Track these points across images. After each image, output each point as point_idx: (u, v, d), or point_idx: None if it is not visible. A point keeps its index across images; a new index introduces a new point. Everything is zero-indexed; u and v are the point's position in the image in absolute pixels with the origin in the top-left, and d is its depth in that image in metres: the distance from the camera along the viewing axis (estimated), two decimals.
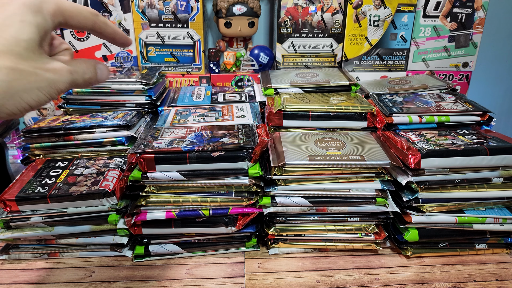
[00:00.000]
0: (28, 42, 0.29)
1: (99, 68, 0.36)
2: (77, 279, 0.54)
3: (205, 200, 0.55)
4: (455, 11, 0.89)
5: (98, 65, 0.36)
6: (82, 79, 0.34)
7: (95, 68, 0.35)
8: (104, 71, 0.36)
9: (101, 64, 0.36)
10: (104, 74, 0.36)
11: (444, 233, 0.58)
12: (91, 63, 0.35)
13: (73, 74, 0.32)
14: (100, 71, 0.36)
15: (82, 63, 0.34)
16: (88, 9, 0.34)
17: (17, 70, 0.28)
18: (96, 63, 0.36)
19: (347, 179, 0.56)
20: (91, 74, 0.35)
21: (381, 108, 0.67)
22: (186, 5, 0.85)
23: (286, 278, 0.55)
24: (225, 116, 0.68)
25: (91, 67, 0.35)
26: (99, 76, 0.36)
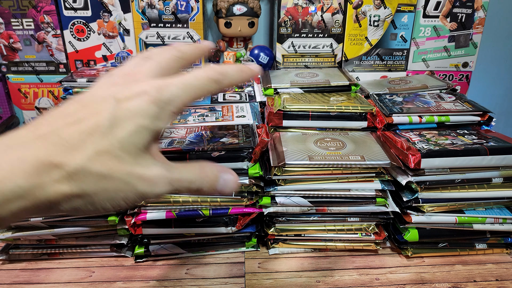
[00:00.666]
0: (135, 147, 0.25)
1: (224, 180, 0.29)
2: (77, 279, 0.54)
3: (205, 200, 0.55)
4: (455, 11, 0.89)
5: (224, 175, 0.29)
6: (187, 189, 0.28)
7: (215, 179, 0.28)
8: (230, 184, 0.29)
9: (228, 175, 0.29)
10: (229, 187, 0.29)
11: (444, 233, 0.58)
12: (208, 171, 0.28)
13: (173, 184, 0.27)
14: (223, 183, 0.29)
15: (193, 171, 0.28)
16: (205, 78, 0.27)
17: (108, 179, 0.24)
18: (222, 172, 0.29)
19: (347, 179, 0.56)
20: (204, 185, 0.28)
21: (381, 108, 0.67)
22: (186, 5, 0.85)
23: (286, 278, 0.55)
24: (225, 116, 0.68)
25: (207, 177, 0.28)
26: (221, 189, 0.29)
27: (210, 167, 0.29)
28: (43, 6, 0.83)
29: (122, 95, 0.25)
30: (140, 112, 0.25)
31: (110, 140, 0.24)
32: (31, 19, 0.84)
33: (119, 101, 0.25)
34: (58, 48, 0.86)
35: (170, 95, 0.26)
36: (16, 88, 0.87)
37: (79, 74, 0.76)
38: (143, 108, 0.25)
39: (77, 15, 0.84)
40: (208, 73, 0.28)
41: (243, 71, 0.30)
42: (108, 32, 0.86)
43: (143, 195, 0.25)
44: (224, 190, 0.29)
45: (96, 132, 0.24)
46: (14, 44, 0.85)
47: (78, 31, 0.85)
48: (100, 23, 0.85)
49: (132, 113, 0.24)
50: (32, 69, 0.87)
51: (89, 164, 0.23)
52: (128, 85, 0.26)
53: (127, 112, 0.24)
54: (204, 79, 0.27)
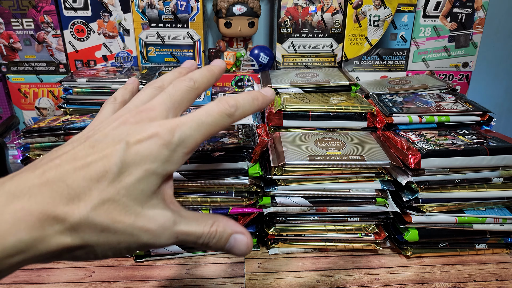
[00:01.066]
0: (142, 193, 0.24)
1: (235, 240, 0.27)
2: (77, 279, 0.54)
3: (205, 200, 0.55)
4: (455, 11, 0.89)
5: (236, 235, 0.27)
6: (193, 243, 0.26)
7: (226, 238, 0.26)
8: (240, 246, 0.27)
9: (240, 235, 0.27)
10: (239, 249, 0.27)
11: (444, 233, 0.58)
12: (220, 229, 0.26)
13: (179, 237, 0.25)
14: (233, 243, 0.27)
15: (203, 225, 0.26)
16: (217, 113, 0.27)
17: (112, 231, 0.23)
18: (234, 231, 0.27)
19: (347, 179, 0.56)
20: (212, 242, 0.26)
21: (381, 108, 0.67)
22: (186, 5, 0.85)
23: (286, 278, 0.55)
24: None
25: (217, 234, 0.26)
26: (228, 249, 0.27)
27: (223, 224, 0.27)
28: (43, 6, 0.83)
29: (133, 138, 0.24)
30: (150, 157, 0.24)
31: (116, 188, 0.23)
32: (31, 19, 0.84)
33: (129, 145, 0.24)
34: (58, 48, 0.86)
35: (183, 136, 0.25)
36: (16, 88, 0.87)
37: (79, 74, 0.76)
38: (153, 152, 0.24)
39: (77, 15, 0.84)
40: (220, 108, 0.27)
41: (257, 99, 0.29)
42: (108, 32, 0.86)
43: (146, 245, 0.24)
44: (232, 250, 0.27)
45: (103, 179, 0.23)
46: (14, 44, 0.85)
47: (78, 31, 0.85)
48: (100, 23, 0.85)
49: (142, 158, 0.24)
50: (32, 69, 0.87)
51: (92, 214, 0.22)
52: (140, 125, 0.25)
53: (136, 157, 0.24)
54: (217, 114, 0.27)
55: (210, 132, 0.26)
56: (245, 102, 0.28)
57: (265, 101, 0.30)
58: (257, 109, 0.29)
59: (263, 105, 0.30)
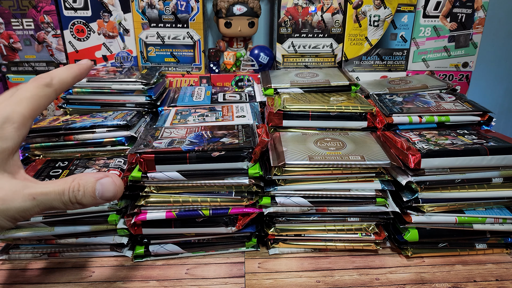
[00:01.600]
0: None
1: (102, 184, 0.27)
2: (77, 279, 0.54)
3: (205, 200, 0.55)
4: (455, 11, 0.89)
5: (101, 180, 0.28)
6: (60, 202, 0.27)
7: (91, 185, 0.27)
8: (109, 187, 0.28)
9: (105, 178, 0.28)
10: (109, 190, 0.28)
11: (444, 233, 0.58)
12: (82, 179, 0.27)
13: (38, 198, 0.26)
14: (101, 188, 0.27)
15: (62, 182, 0.27)
16: (34, 86, 0.29)
17: None
18: (98, 177, 0.28)
19: (347, 179, 0.56)
20: (79, 194, 0.27)
21: (381, 108, 0.67)
22: (186, 5, 0.85)
23: (286, 278, 0.55)
24: (225, 116, 0.68)
25: (81, 186, 0.27)
26: (100, 194, 0.28)
27: (84, 176, 0.27)
28: (43, 6, 0.83)
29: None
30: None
31: None
32: (31, 19, 0.84)
33: None
34: (58, 48, 0.86)
35: (5, 114, 0.27)
36: None
37: None
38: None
39: (77, 15, 0.84)
40: (36, 81, 0.29)
41: (71, 67, 0.31)
42: (108, 32, 0.86)
43: (4, 214, 0.26)
44: (104, 194, 0.28)
45: None
46: (14, 44, 0.85)
47: (78, 31, 0.85)
48: (100, 23, 0.85)
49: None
50: (32, 69, 0.87)
51: None
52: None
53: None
54: (34, 87, 0.29)
55: (34, 105, 0.28)
56: (60, 71, 0.30)
57: (80, 67, 0.31)
58: (74, 75, 0.31)
59: (80, 71, 0.31)
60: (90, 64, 0.33)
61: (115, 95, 0.73)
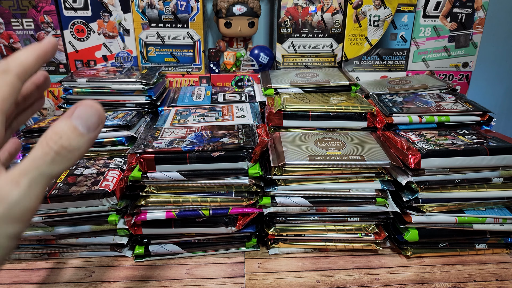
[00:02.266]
0: None
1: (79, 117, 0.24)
2: (77, 279, 0.54)
3: (205, 200, 0.55)
4: (455, 11, 0.89)
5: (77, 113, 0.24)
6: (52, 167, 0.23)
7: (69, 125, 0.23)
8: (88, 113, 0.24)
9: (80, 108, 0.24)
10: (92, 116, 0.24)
11: (444, 233, 0.58)
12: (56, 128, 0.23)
13: (22, 182, 0.23)
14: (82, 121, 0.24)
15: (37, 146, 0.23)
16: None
17: None
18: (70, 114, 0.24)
19: (347, 179, 0.56)
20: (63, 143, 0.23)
21: (381, 108, 0.67)
22: (186, 5, 0.85)
23: (286, 278, 0.55)
24: (225, 116, 0.68)
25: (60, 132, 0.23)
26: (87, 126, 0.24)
27: (54, 124, 0.23)
28: (43, 6, 0.83)
29: None
30: None
31: None
32: (31, 19, 0.84)
33: None
34: (58, 48, 0.86)
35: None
36: None
37: (79, 74, 0.76)
38: None
39: (77, 15, 0.84)
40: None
41: (31, 47, 0.26)
42: (108, 32, 0.86)
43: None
44: (89, 123, 0.24)
45: None
46: (14, 44, 0.85)
47: (78, 31, 0.85)
48: (100, 23, 0.85)
49: None
50: None
51: None
52: None
53: None
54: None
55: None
56: (18, 54, 0.26)
57: (42, 46, 0.27)
58: (36, 55, 0.26)
59: (42, 50, 0.27)
60: (54, 41, 0.28)
61: (115, 95, 0.73)
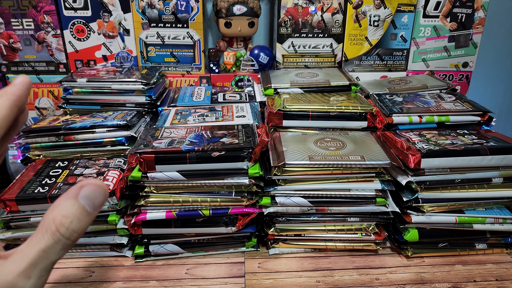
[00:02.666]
0: None
1: (85, 197, 0.21)
2: (77, 279, 0.54)
3: (205, 200, 0.55)
4: (455, 11, 0.89)
5: (83, 194, 0.22)
6: (61, 253, 0.21)
7: (77, 207, 0.21)
8: (94, 194, 0.22)
9: (84, 189, 0.22)
10: (98, 197, 0.22)
11: (444, 233, 0.58)
12: (61, 205, 0.21)
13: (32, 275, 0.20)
14: (89, 201, 0.22)
15: (43, 231, 0.20)
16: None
17: None
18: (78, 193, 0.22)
19: (347, 179, 0.56)
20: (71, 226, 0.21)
21: (381, 108, 0.67)
22: (186, 5, 0.85)
23: (286, 278, 0.55)
24: (225, 116, 0.68)
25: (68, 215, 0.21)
26: (93, 206, 0.22)
27: (58, 206, 0.21)
28: (43, 6, 0.83)
29: None
30: None
31: None
32: (31, 19, 0.84)
33: None
34: (58, 48, 0.86)
35: None
36: None
37: (79, 74, 0.76)
38: None
39: (77, 15, 0.84)
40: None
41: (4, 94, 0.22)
42: (108, 32, 0.86)
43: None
44: (96, 203, 0.22)
45: None
46: (14, 44, 0.85)
47: (78, 31, 0.85)
48: (100, 23, 0.85)
49: None
50: (32, 69, 0.87)
51: None
52: None
53: None
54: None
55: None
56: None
57: (15, 90, 0.23)
58: (8, 104, 0.22)
59: (15, 96, 0.23)
60: (27, 81, 0.24)
61: (115, 95, 0.73)
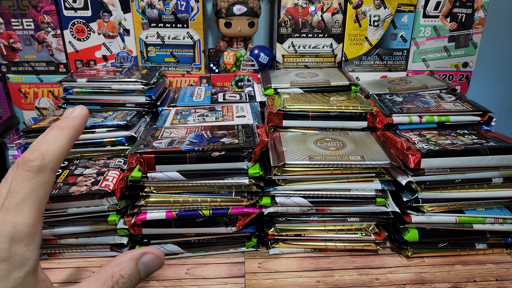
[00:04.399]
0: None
1: (144, 264, 0.24)
2: (77, 279, 0.54)
3: (205, 200, 0.55)
4: (455, 11, 0.89)
5: (142, 260, 0.24)
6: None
7: (135, 271, 0.24)
8: (153, 263, 0.24)
9: (146, 256, 0.24)
10: (155, 266, 0.24)
11: (444, 233, 0.58)
12: (122, 264, 0.23)
13: None
14: (146, 268, 0.24)
15: (98, 277, 0.23)
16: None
17: None
18: (138, 257, 0.24)
19: (347, 179, 0.56)
20: (122, 282, 0.23)
21: (381, 108, 0.67)
22: (186, 5, 0.85)
23: (286, 278, 0.55)
24: (225, 116, 0.68)
25: (122, 271, 0.23)
26: (147, 273, 0.24)
27: (119, 262, 0.23)
28: (43, 6, 0.83)
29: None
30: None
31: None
32: (31, 19, 0.84)
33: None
34: (58, 48, 0.86)
35: (6, 232, 0.21)
36: (16, 88, 0.87)
37: (79, 74, 0.76)
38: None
39: (77, 15, 0.84)
40: (25, 170, 0.22)
41: (61, 132, 0.24)
42: (108, 32, 0.86)
43: None
44: (150, 271, 0.24)
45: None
46: (14, 44, 0.85)
47: (78, 31, 0.85)
48: (100, 23, 0.85)
49: None
50: (32, 69, 0.87)
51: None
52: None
53: None
54: (26, 179, 0.22)
55: (36, 204, 0.22)
56: (50, 144, 0.23)
57: (74, 124, 0.24)
58: (68, 140, 0.23)
59: (75, 130, 0.24)
60: (85, 113, 0.25)
61: (115, 95, 0.73)
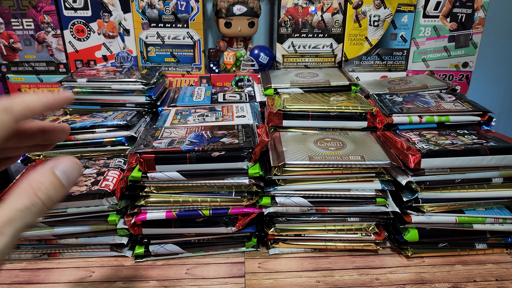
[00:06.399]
0: None
1: (62, 171, 0.24)
2: (77, 279, 0.54)
3: (205, 200, 0.55)
4: (455, 11, 0.89)
5: (61, 168, 0.24)
6: (33, 217, 0.23)
7: (53, 178, 0.24)
8: (70, 169, 0.24)
9: (61, 164, 0.24)
10: (74, 173, 0.24)
11: (444, 233, 0.58)
12: (39, 177, 0.23)
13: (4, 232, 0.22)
14: (65, 176, 0.24)
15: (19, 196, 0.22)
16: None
17: None
18: (54, 167, 0.24)
19: (347, 179, 0.56)
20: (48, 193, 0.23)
21: (381, 108, 0.67)
22: (186, 5, 0.85)
23: (286, 278, 0.55)
24: (225, 116, 0.68)
25: (44, 185, 0.23)
26: (68, 181, 0.24)
27: (34, 176, 0.23)
28: (43, 6, 0.83)
29: None
30: None
31: None
32: (31, 19, 0.84)
33: None
34: (58, 48, 0.86)
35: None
36: (16, 88, 0.87)
37: (79, 74, 0.76)
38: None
39: (77, 15, 0.84)
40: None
41: (45, 96, 0.26)
42: (108, 32, 0.86)
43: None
44: (71, 179, 0.24)
45: None
46: (14, 44, 0.85)
47: (78, 31, 0.85)
48: (100, 23, 0.85)
49: None
50: (32, 69, 0.87)
51: None
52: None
53: None
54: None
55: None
56: (27, 97, 0.25)
57: (54, 98, 0.27)
58: (42, 102, 0.26)
59: (51, 101, 0.26)
60: (70, 96, 0.28)
61: (115, 95, 0.73)
